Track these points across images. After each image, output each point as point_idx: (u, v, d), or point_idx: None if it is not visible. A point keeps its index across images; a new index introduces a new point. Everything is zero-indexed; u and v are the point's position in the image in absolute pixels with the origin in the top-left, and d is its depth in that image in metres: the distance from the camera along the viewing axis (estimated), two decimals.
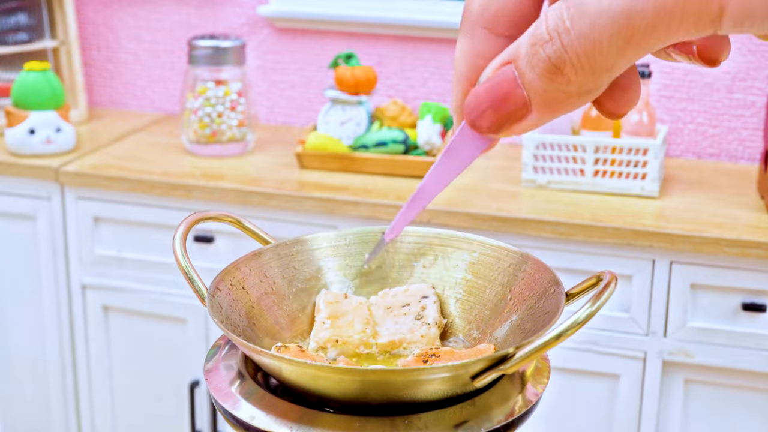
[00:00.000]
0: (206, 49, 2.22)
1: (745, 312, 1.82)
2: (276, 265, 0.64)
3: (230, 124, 2.24)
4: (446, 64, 2.42)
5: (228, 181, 2.07)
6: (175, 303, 2.14)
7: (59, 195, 2.17)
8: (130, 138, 2.39)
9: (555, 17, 0.37)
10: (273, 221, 2.02)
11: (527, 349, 0.50)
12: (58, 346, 2.25)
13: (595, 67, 0.36)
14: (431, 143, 2.11)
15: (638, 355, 1.88)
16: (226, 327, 0.55)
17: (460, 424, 0.51)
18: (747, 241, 1.78)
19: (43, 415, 2.31)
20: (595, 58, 0.36)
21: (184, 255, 0.60)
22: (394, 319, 0.63)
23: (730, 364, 1.84)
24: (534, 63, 0.37)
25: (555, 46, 0.36)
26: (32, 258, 2.22)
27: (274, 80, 2.54)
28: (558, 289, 0.57)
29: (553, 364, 0.58)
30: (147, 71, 2.64)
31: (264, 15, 2.47)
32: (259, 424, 0.52)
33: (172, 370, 2.20)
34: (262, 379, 0.57)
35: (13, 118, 2.20)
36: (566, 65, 0.36)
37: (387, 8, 2.43)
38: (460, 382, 0.51)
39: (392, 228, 0.48)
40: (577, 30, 0.36)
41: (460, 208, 1.92)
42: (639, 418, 1.91)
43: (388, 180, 2.07)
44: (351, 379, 0.51)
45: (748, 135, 2.25)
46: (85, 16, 2.64)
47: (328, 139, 2.12)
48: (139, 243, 2.15)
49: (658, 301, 1.85)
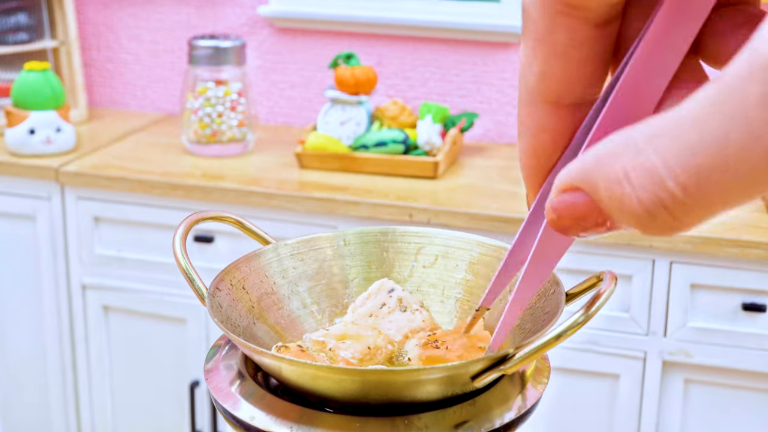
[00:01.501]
0: (206, 49, 2.22)
1: (745, 312, 1.82)
2: (276, 266, 0.64)
3: (230, 124, 2.24)
4: (446, 64, 2.42)
5: (228, 181, 2.07)
6: (175, 303, 2.14)
7: (59, 195, 2.17)
8: (130, 138, 2.39)
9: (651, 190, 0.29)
10: (273, 221, 2.02)
11: (527, 350, 0.50)
12: (58, 346, 2.25)
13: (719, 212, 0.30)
14: (431, 143, 2.11)
15: (638, 355, 1.88)
16: (226, 327, 0.55)
17: (460, 424, 0.51)
18: (747, 241, 1.78)
19: (43, 415, 2.31)
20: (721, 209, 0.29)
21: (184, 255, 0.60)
22: (386, 320, 0.63)
23: (730, 364, 1.84)
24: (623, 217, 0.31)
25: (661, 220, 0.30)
26: (32, 258, 2.22)
27: (274, 80, 2.54)
28: (558, 289, 0.57)
29: (553, 364, 0.58)
30: (147, 71, 2.64)
31: (264, 15, 2.47)
32: (259, 424, 0.52)
33: (172, 370, 2.20)
34: (262, 379, 0.57)
35: (13, 118, 2.20)
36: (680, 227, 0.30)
37: (387, 8, 2.43)
38: (459, 382, 0.51)
39: (495, 340, 0.48)
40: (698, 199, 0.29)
41: (460, 208, 1.92)
42: (639, 418, 1.91)
43: (388, 180, 2.07)
44: (351, 380, 0.51)
45: None
46: (85, 16, 2.64)
47: (328, 139, 2.13)
48: (139, 243, 2.15)
49: (658, 301, 1.85)
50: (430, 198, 1.97)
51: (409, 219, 1.94)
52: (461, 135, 2.22)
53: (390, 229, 0.67)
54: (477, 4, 2.41)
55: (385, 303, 0.63)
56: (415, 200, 1.96)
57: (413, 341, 0.60)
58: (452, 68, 2.41)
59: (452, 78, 2.42)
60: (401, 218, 1.94)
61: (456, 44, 2.40)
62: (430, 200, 1.96)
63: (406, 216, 1.94)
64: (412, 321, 0.62)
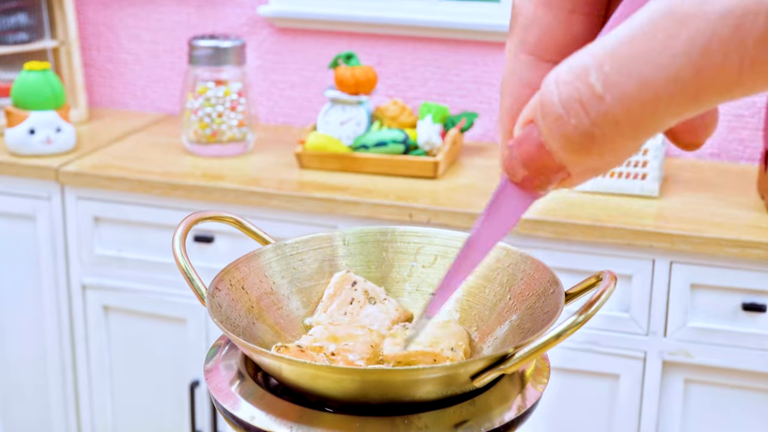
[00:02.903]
0: (206, 49, 2.22)
1: (745, 312, 1.82)
2: (276, 265, 0.64)
3: (230, 124, 2.24)
4: (446, 64, 2.42)
5: (228, 181, 2.07)
6: (175, 303, 2.14)
7: (59, 195, 2.17)
8: (130, 138, 2.39)
9: (572, 83, 0.30)
10: (273, 221, 2.02)
11: (527, 349, 0.50)
12: (58, 346, 2.25)
13: (639, 134, 0.30)
14: (431, 143, 2.11)
15: (638, 355, 1.88)
16: (225, 327, 0.55)
17: (459, 424, 0.51)
18: (747, 241, 1.78)
19: (43, 415, 2.31)
20: (641, 124, 0.30)
21: (184, 255, 0.60)
22: (361, 316, 0.63)
23: (730, 364, 1.84)
24: (554, 137, 0.31)
25: (577, 121, 0.30)
26: (32, 258, 2.22)
27: (274, 80, 2.54)
28: (557, 288, 0.57)
29: (553, 364, 0.58)
30: (147, 71, 2.64)
31: (264, 15, 2.47)
32: (259, 424, 0.52)
33: (172, 370, 2.20)
34: (262, 379, 0.57)
35: (13, 118, 2.20)
36: (595, 143, 0.30)
37: (387, 8, 2.43)
38: (459, 382, 0.51)
39: (434, 303, 0.41)
40: (616, 95, 0.30)
41: (460, 208, 1.92)
42: (639, 418, 1.91)
43: (388, 180, 2.07)
44: (350, 379, 0.51)
45: (748, 135, 2.25)
46: (85, 16, 2.64)
47: (328, 139, 2.12)
48: (139, 243, 2.15)
49: (658, 301, 1.85)
50: (430, 198, 1.97)
51: (409, 219, 1.94)
52: (461, 135, 2.22)
53: (389, 229, 0.67)
54: (477, 4, 2.41)
55: (354, 298, 0.64)
56: (415, 200, 1.96)
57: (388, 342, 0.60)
58: (452, 68, 2.41)
59: (452, 78, 2.42)
60: (401, 218, 1.94)
61: (456, 44, 2.40)
62: (430, 200, 1.96)
63: (406, 216, 1.94)
64: (387, 312, 0.62)
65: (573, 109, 0.30)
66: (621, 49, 0.29)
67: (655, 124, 0.30)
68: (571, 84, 0.30)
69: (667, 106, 0.29)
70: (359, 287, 0.64)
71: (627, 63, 0.29)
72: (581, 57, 0.30)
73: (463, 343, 0.58)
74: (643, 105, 0.29)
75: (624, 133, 0.30)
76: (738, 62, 0.28)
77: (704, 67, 0.28)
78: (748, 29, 0.28)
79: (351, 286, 0.64)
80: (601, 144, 0.30)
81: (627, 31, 0.30)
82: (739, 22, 0.28)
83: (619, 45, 0.30)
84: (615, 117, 0.30)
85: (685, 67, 0.29)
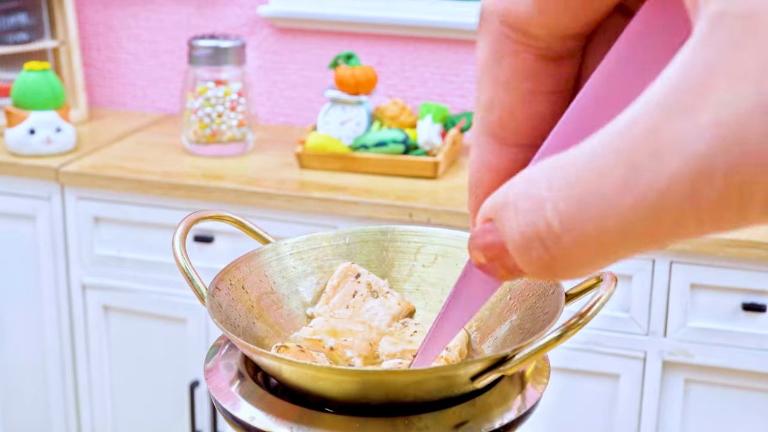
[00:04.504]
0: (206, 49, 2.22)
1: (745, 312, 1.82)
2: (276, 265, 0.64)
3: (230, 124, 2.24)
4: (446, 64, 2.42)
5: (228, 181, 2.07)
6: (175, 303, 2.14)
7: (59, 195, 2.17)
8: (130, 138, 2.39)
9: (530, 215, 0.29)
10: (273, 221, 2.02)
11: (527, 351, 0.50)
12: (58, 346, 2.25)
13: (600, 266, 0.29)
14: (431, 143, 2.11)
15: (638, 355, 1.88)
16: (225, 327, 0.55)
17: (460, 425, 0.51)
18: (747, 241, 1.78)
19: (43, 415, 2.31)
20: (601, 259, 0.29)
21: (184, 255, 0.60)
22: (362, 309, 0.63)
23: (730, 364, 1.84)
24: (515, 256, 0.30)
25: (537, 254, 0.29)
26: (32, 258, 2.22)
27: (274, 80, 2.54)
28: (558, 289, 0.57)
29: (553, 364, 0.58)
30: (147, 71, 2.64)
31: (264, 15, 2.47)
32: (259, 424, 0.52)
33: (172, 370, 2.20)
34: (262, 379, 0.57)
35: (13, 118, 2.20)
36: (556, 271, 0.30)
37: (387, 8, 2.43)
38: (459, 383, 0.51)
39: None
40: (573, 236, 0.28)
41: (460, 208, 1.92)
42: (639, 418, 1.91)
43: (388, 180, 2.07)
44: (351, 380, 0.51)
45: None
46: (85, 16, 2.64)
47: (328, 139, 2.12)
48: (139, 243, 2.15)
49: (658, 301, 1.85)
50: (430, 198, 1.97)
51: (409, 219, 1.94)
52: (461, 135, 2.22)
53: (389, 229, 0.67)
54: (477, 4, 2.41)
55: (357, 291, 0.63)
56: (415, 200, 1.96)
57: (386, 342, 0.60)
58: (452, 68, 2.41)
59: (452, 78, 2.42)
60: (401, 218, 1.94)
61: (456, 44, 2.40)
62: (430, 200, 1.96)
63: (406, 216, 1.94)
64: (389, 307, 0.62)
65: (533, 243, 0.29)
66: (576, 186, 0.28)
67: (617, 258, 0.29)
68: (528, 215, 0.29)
69: (626, 248, 0.29)
70: (363, 279, 0.64)
71: (582, 205, 0.28)
72: (537, 184, 0.29)
73: (459, 344, 0.58)
74: (601, 247, 0.29)
75: (584, 264, 0.29)
76: (696, 219, 0.27)
77: (661, 221, 0.27)
78: (703, 193, 0.26)
79: (355, 278, 0.64)
80: (563, 270, 0.30)
81: (583, 164, 0.28)
82: (694, 185, 0.26)
83: (576, 180, 0.28)
84: (574, 254, 0.29)
85: (641, 220, 0.27)
